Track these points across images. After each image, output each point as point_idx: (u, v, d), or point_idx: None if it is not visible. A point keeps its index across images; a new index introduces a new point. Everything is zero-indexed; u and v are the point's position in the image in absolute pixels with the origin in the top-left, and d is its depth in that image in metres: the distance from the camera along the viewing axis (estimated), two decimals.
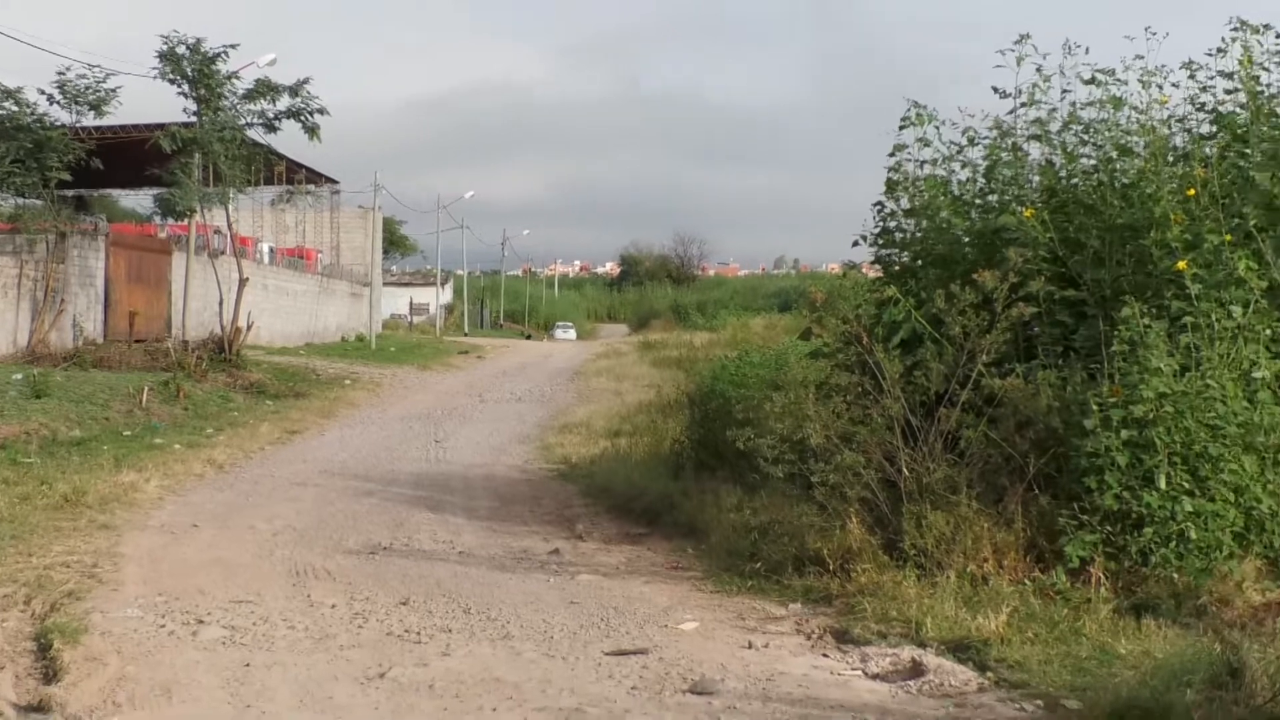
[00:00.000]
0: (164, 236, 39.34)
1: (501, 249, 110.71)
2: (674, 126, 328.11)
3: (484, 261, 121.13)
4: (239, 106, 29.29)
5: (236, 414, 22.47)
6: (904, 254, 11.18)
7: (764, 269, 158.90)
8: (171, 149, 28.12)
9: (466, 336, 74.28)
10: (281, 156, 39.40)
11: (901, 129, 10.65)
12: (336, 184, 55.70)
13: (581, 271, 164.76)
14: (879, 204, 11.13)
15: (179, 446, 17.33)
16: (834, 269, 14.81)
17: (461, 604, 8.56)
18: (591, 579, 9.58)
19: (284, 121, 29.61)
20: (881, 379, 9.11)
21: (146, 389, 21.64)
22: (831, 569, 8.66)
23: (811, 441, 9.15)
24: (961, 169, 10.74)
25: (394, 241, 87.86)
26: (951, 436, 8.93)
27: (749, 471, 10.42)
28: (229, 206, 31.62)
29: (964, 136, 10.55)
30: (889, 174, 10.90)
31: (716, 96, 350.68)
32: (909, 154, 10.75)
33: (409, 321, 77.94)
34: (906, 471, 8.87)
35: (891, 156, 10.82)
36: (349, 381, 31.66)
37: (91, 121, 28.88)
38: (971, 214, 10.54)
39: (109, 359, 25.87)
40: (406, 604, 8.55)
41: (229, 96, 29.03)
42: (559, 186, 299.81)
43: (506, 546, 11.06)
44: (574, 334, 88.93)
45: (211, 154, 28.77)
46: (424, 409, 26.63)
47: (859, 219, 11.31)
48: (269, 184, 45.34)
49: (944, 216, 10.44)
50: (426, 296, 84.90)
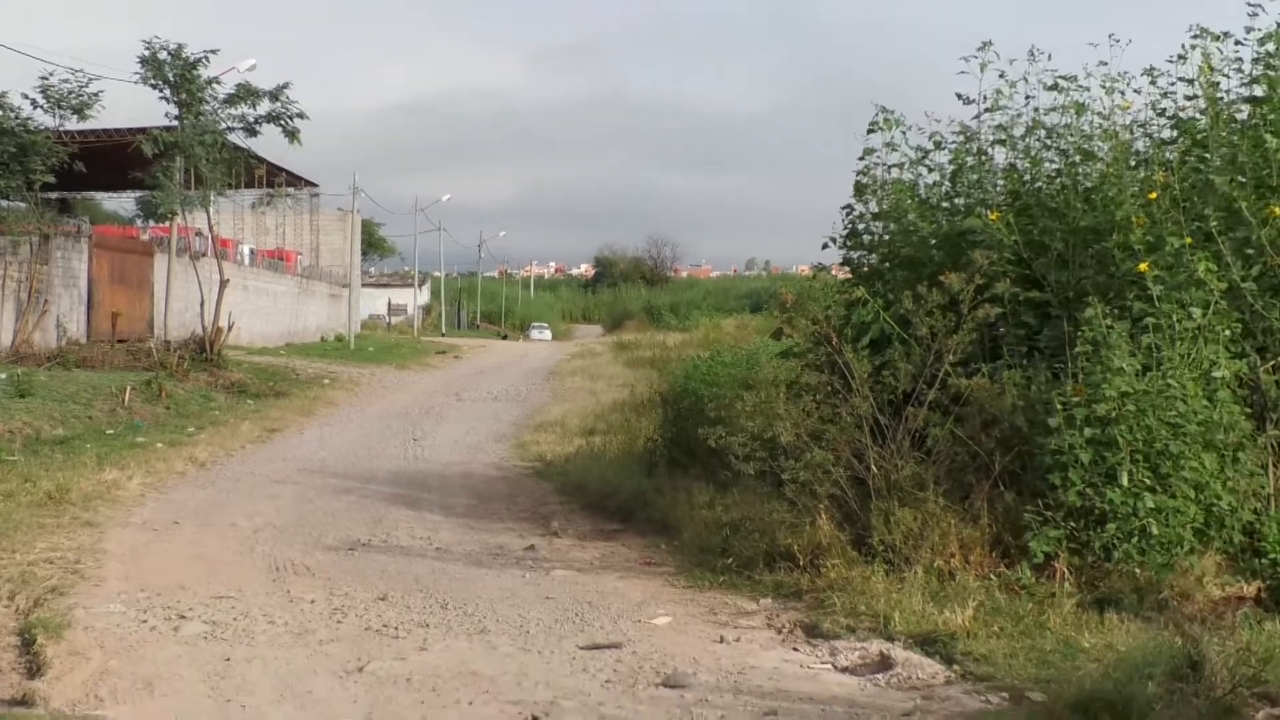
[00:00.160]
0: (146, 239, 39.35)
1: (478, 251, 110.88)
2: (648, 131, 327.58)
3: (461, 263, 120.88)
4: (220, 111, 29.47)
5: (217, 413, 22.52)
6: (872, 256, 11.26)
7: (736, 271, 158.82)
8: (153, 152, 28.18)
9: (444, 337, 74.04)
10: (262, 160, 39.43)
11: (869, 134, 10.77)
12: (316, 187, 55.86)
13: (557, 273, 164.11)
14: (848, 207, 11.24)
15: (161, 445, 17.37)
16: (804, 271, 14.90)
17: (439, 599, 8.63)
18: (566, 574, 9.66)
19: (264, 125, 29.85)
20: (851, 378, 9.21)
21: (129, 388, 21.67)
22: (802, 564, 8.74)
23: (782, 439, 9.25)
24: (928, 173, 10.88)
25: (372, 243, 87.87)
26: (919, 435, 9.03)
27: (721, 469, 10.50)
28: (210, 209, 31.74)
29: (930, 141, 10.67)
30: (857, 178, 11.01)
31: (690, 102, 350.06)
32: (877, 158, 10.87)
33: (387, 322, 77.81)
34: (875, 469, 8.98)
35: (860, 160, 10.94)
36: (328, 381, 31.68)
37: (75, 125, 28.96)
38: (938, 217, 10.63)
39: (92, 359, 25.94)
40: (385, 599, 8.62)
41: (210, 101, 29.20)
42: (535, 189, 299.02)
43: (483, 543, 11.15)
44: (549, 334, 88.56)
45: (193, 157, 28.86)
46: (402, 408, 26.69)
47: (829, 222, 11.44)
48: (250, 187, 45.44)
49: (911, 219, 10.55)
50: (404, 297, 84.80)
